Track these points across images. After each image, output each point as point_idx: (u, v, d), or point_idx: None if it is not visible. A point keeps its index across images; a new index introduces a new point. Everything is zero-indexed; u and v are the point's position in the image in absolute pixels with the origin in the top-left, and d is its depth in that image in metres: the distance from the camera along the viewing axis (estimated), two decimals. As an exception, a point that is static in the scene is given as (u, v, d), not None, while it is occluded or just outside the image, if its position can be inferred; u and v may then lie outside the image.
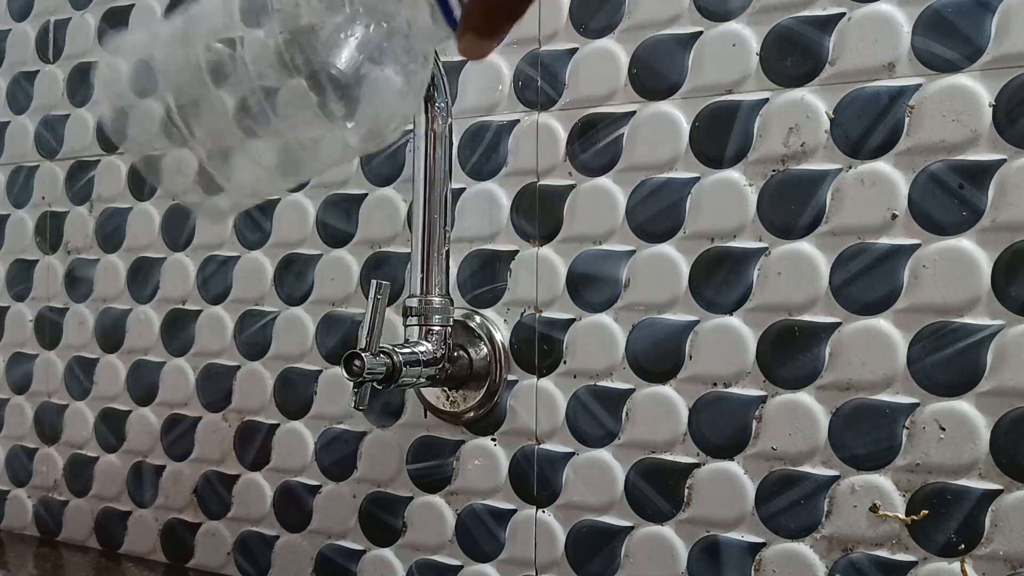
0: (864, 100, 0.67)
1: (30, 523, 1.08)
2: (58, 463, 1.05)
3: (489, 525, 0.80)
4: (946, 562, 0.64)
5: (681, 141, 0.73)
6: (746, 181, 0.70)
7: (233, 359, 0.93)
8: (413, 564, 0.84)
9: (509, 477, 0.79)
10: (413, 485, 0.84)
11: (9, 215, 1.09)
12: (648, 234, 0.74)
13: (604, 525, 0.75)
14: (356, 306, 0.86)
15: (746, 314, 0.70)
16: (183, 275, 0.96)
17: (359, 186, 0.86)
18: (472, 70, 0.81)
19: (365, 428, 0.86)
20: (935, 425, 0.64)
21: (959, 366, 0.64)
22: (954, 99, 0.64)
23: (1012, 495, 0.62)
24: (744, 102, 0.70)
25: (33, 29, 1.08)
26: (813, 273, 0.68)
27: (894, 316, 0.66)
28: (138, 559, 0.99)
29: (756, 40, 0.70)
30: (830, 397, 0.68)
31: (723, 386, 0.71)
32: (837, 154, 0.67)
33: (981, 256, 0.63)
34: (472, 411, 0.80)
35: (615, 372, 0.75)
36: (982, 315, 0.63)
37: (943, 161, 0.64)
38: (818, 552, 0.68)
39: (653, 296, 0.73)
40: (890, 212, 0.66)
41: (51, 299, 1.06)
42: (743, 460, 0.70)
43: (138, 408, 1.00)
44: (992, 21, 0.63)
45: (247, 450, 0.92)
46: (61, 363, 1.05)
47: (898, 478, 0.66)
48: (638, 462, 0.74)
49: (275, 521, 0.91)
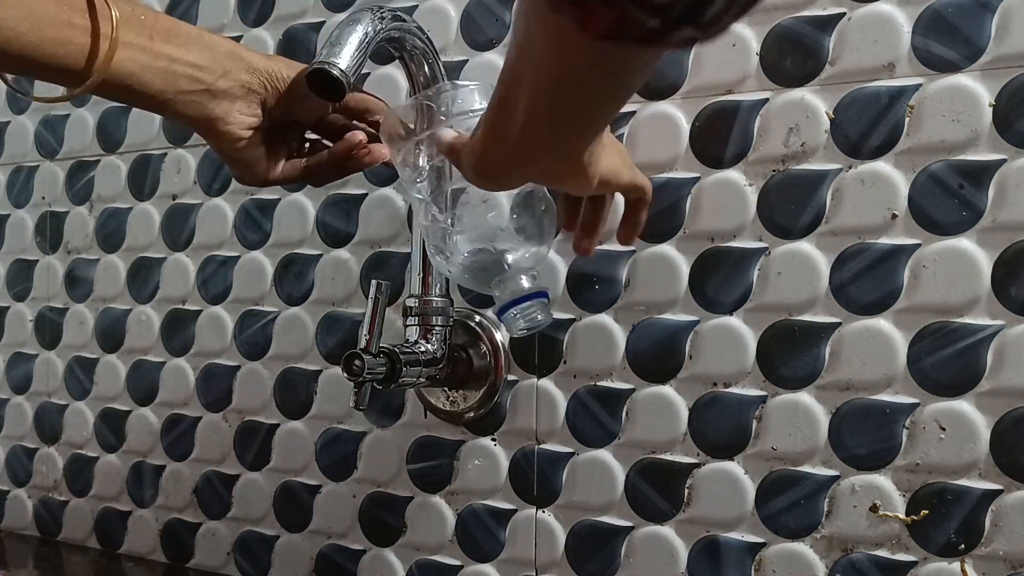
0: (864, 100, 0.67)
1: (30, 523, 1.08)
2: (58, 463, 1.05)
3: (489, 525, 0.80)
4: (946, 562, 0.64)
5: (681, 141, 0.73)
6: (746, 181, 0.70)
7: (233, 359, 0.93)
8: (413, 564, 0.84)
9: (509, 477, 0.79)
10: (413, 485, 0.84)
11: (9, 215, 1.09)
12: (648, 234, 0.73)
13: (604, 525, 0.75)
14: (356, 306, 0.86)
15: (746, 314, 0.70)
16: (183, 275, 0.96)
17: (359, 186, 0.86)
18: (472, 70, 0.81)
19: (365, 428, 0.86)
20: (935, 425, 0.64)
21: (959, 366, 0.64)
22: (954, 99, 0.64)
23: (1012, 495, 0.62)
24: (744, 102, 0.70)
25: (33, 29, 1.08)
26: (813, 273, 0.68)
27: (894, 316, 0.66)
28: (138, 559, 0.99)
29: (756, 40, 0.70)
30: (830, 397, 0.68)
31: (723, 386, 0.71)
32: (837, 154, 0.67)
33: (981, 256, 0.63)
34: (472, 411, 0.80)
35: (615, 372, 0.75)
36: (982, 315, 0.63)
37: (943, 161, 0.64)
38: (818, 552, 0.68)
39: (653, 296, 0.73)
40: (890, 212, 0.66)
41: (51, 299, 1.06)
42: (743, 460, 0.70)
43: (138, 408, 1.00)
44: (992, 21, 0.63)
45: (247, 450, 0.92)
46: (61, 363, 1.05)
47: (898, 478, 0.66)
48: (638, 462, 0.74)
49: (275, 521, 0.91)
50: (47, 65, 0.57)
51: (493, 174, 0.54)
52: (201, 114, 0.62)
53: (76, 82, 0.58)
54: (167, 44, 0.60)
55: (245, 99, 0.63)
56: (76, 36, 0.57)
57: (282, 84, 0.64)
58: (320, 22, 0.88)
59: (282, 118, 0.65)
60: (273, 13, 0.91)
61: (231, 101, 0.63)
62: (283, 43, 0.90)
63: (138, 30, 0.59)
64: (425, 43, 0.72)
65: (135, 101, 0.61)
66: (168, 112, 0.62)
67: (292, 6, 0.90)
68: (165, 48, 0.60)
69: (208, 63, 0.62)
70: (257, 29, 0.92)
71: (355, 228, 0.86)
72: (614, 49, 0.37)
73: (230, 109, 0.63)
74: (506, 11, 0.79)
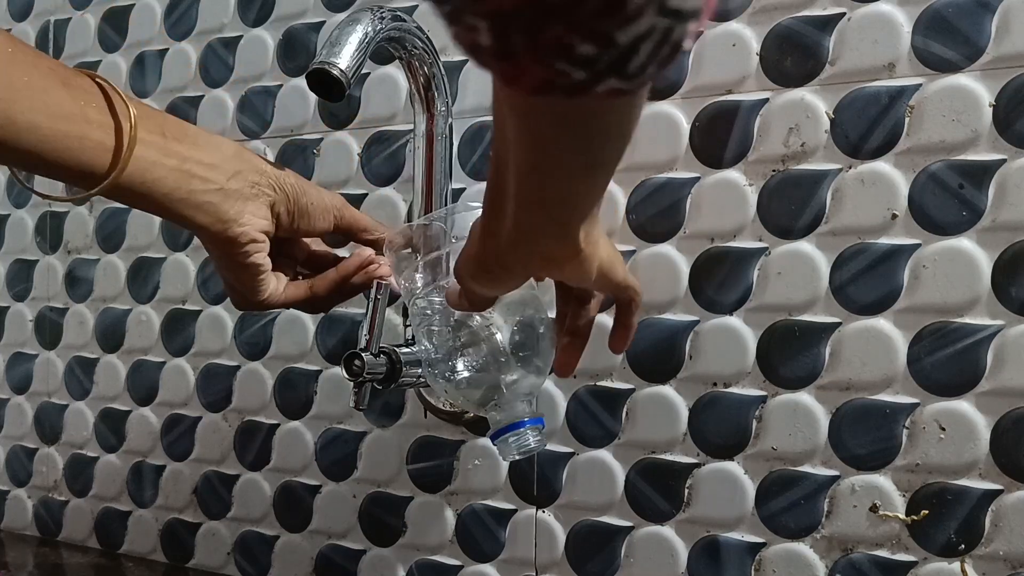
0: (864, 100, 0.67)
1: (30, 523, 1.08)
2: (58, 463, 1.05)
3: (489, 525, 0.80)
4: (946, 562, 0.64)
5: (681, 141, 0.73)
6: (746, 181, 0.70)
7: (233, 359, 0.93)
8: (413, 564, 0.84)
9: (509, 477, 0.79)
10: (413, 485, 0.84)
11: (9, 215, 1.09)
12: (648, 234, 0.74)
13: (604, 525, 0.75)
14: (356, 306, 0.86)
15: (746, 314, 0.70)
16: (183, 275, 0.96)
17: (359, 186, 0.86)
18: (472, 70, 0.81)
19: (365, 428, 0.86)
20: (935, 425, 0.64)
21: (959, 366, 0.64)
22: (954, 99, 0.64)
23: (1012, 495, 0.62)
24: (744, 102, 0.70)
25: (33, 29, 1.08)
26: (813, 273, 0.68)
27: (894, 316, 0.66)
28: (138, 559, 0.99)
29: (756, 40, 0.70)
30: (830, 397, 0.68)
31: (723, 386, 0.71)
32: (837, 154, 0.67)
33: (981, 256, 0.63)
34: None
35: (615, 372, 0.75)
36: (982, 315, 0.63)
37: (943, 161, 0.64)
38: (818, 552, 0.68)
39: (653, 296, 0.73)
40: (890, 212, 0.66)
41: (51, 299, 1.06)
42: (743, 460, 0.70)
43: (138, 408, 1.00)
44: (992, 21, 0.63)
45: (247, 450, 0.92)
46: (61, 363, 1.05)
47: (898, 478, 0.66)
48: (638, 462, 0.74)
49: (275, 521, 0.91)
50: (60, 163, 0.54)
51: (492, 267, 0.52)
52: (214, 216, 0.58)
53: (92, 181, 0.55)
54: (179, 143, 0.58)
55: (255, 201, 0.60)
56: (92, 132, 0.54)
57: (290, 190, 0.62)
58: (320, 22, 0.88)
59: (288, 230, 0.63)
60: (273, 13, 0.91)
61: (243, 202, 0.59)
62: (283, 43, 0.90)
63: (151, 127, 0.56)
64: (425, 43, 0.72)
65: (143, 203, 0.57)
66: (177, 214, 0.58)
67: (292, 6, 0.90)
68: (177, 147, 0.57)
69: (219, 162, 0.59)
70: (257, 29, 0.92)
71: (355, 228, 0.86)
72: (553, 103, 0.38)
73: (243, 210, 0.59)
74: (506, 11, 0.79)
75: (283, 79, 0.91)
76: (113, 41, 1.01)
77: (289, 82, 0.90)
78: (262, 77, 0.92)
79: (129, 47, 1.00)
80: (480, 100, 0.81)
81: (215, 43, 0.95)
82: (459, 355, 0.67)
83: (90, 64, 1.03)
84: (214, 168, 0.59)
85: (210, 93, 0.95)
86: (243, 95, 0.93)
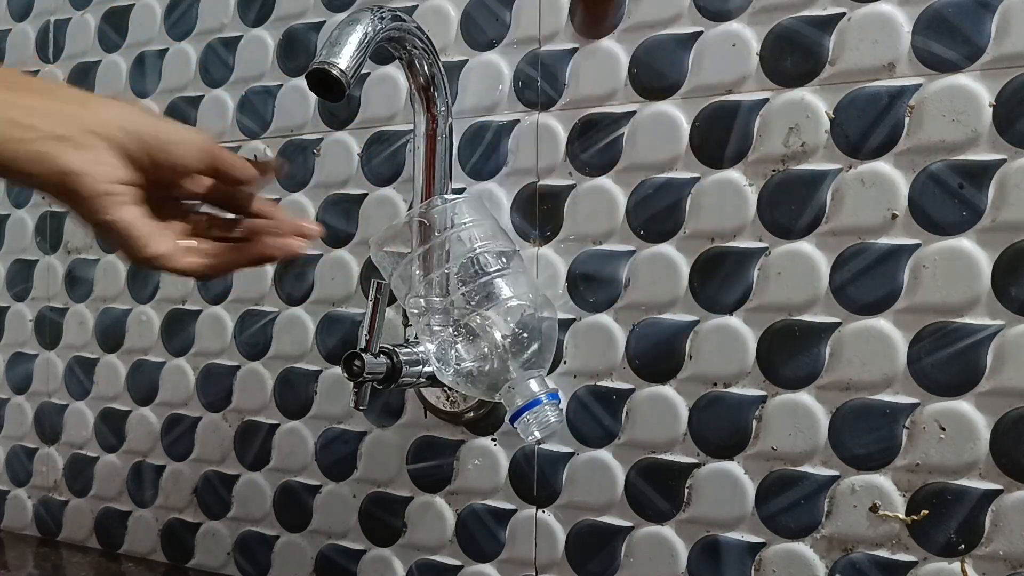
0: (864, 100, 0.67)
1: (30, 523, 1.08)
2: (58, 463, 1.05)
3: (489, 525, 0.80)
4: (946, 562, 0.64)
5: (681, 141, 0.73)
6: (746, 181, 0.70)
7: (233, 359, 0.93)
8: (413, 564, 0.84)
9: (509, 477, 0.79)
10: (413, 485, 0.84)
11: (9, 215, 1.09)
12: (648, 234, 0.74)
13: (604, 525, 0.75)
14: (356, 306, 0.86)
15: (746, 314, 0.70)
16: (183, 275, 0.96)
17: (359, 186, 0.86)
18: (472, 70, 0.81)
19: (365, 428, 0.86)
20: (935, 425, 0.64)
21: (959, 366, 0.64)
22: (954, 99, 0.64)
23: (1012, 495, 0.62)
24: (744, 102, 0.70)
25: (33, 29, 1.08)
26: (813, 273, 0.68)
27: (894, 316, 0.66)
28: (138, 559, 0.99)
29: (756, 40, 0.70)
30: (830, 397, 0.68)
31: (723, 386, 0.71)
32: (837, 154, 0.67)
33: (981, 256, 0.63)
34: (472, 411, 0.80)
35: (615, 372, 0.75)
36: (982, 315, 0.63)
37: (943, 161, 0.64)
38: (818, 552, 0.68)
39: (653, 296, 0.73)
40: (890, 212, 0.66)
41: (51, 299, 1.06)
42: (743, 460, 0.70)
43: (138, 408, 1.00)
44: (992, 21, 0.63)
45: (247, 450, 0.92)
46: (61, 363, 1.05)
47: (898, 478, 0.66)
48: (638, 462, 0.74)
49: (275, 521, 0.91)
50: None
51: None
52: (50, 167, 0.51)
53: None
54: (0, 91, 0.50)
55: (98, 148, 0.52)
56: None
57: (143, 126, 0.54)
58: (320, 22, 0.88)
59: (151, 170, 0.55)
60: (273, 13, 0.91)
61: (84, 151, 0.52)
62: (283, 43, 0.91)
63: None
64: (425, 43, 0.72)
65: None
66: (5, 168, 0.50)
67: (292, 6, 0.90)
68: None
69: (51, 109, 0.51)
70: (257, 29, 0.92)
71: (355, 228, 0.86)
72: None
73: (85, 160, 0.51)
74: (506, 11, 0.80)
75: (283, 79, 0.91)
76: (113, 41, 1.01)
77: (289, 82, 0.90)
78: (262, 77, 0.92)
79: (129, 47, 1.00)
80: (480, 100, 0.81)
81: (215, 43, 0.95)
82: (462, 345, 0.68)
83: (90, 64, 1.03)
84: (46, 116, 0.51)
85: (210, 93, 0.95)
86: (243, 95, 0.93)
